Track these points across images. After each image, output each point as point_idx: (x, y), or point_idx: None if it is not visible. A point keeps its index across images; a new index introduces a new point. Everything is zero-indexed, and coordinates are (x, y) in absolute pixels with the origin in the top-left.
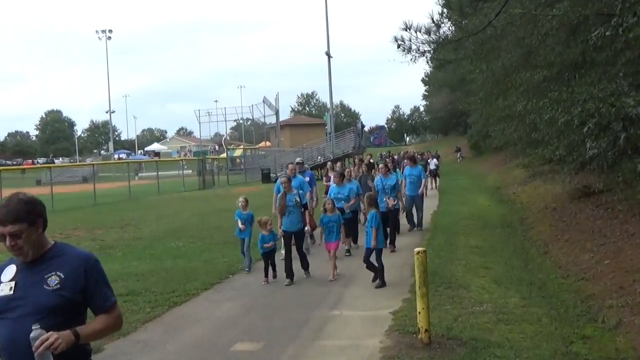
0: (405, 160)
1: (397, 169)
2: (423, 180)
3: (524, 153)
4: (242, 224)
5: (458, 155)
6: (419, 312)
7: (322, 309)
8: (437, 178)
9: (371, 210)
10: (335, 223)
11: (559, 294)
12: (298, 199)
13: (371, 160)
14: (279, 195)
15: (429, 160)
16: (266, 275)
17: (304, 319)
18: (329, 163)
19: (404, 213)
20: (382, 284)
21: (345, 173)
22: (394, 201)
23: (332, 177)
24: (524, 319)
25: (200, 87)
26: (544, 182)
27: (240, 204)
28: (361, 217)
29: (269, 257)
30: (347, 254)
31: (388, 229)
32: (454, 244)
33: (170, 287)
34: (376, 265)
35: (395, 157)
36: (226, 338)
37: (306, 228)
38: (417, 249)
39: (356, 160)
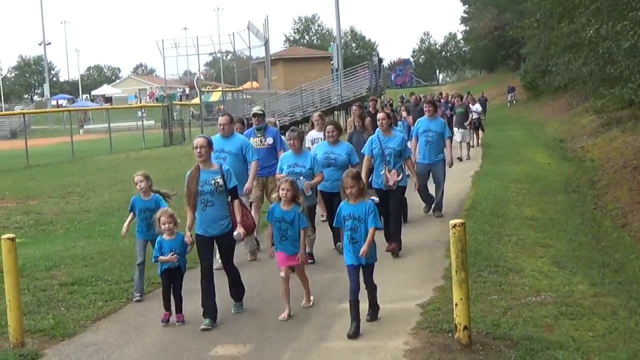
0: (428, 107)
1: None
2: (447, 141)
3: (596, 94)
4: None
5: (509, 96)
6: (456, 305)
7: (329, 301)
8: (480, 131)
9: (358, 199)
10: (290, 224)
11: None
12: (219, 181)
13: (382, 106)
14: (188, 174)
15: (470, 106)
16: (167, 308)
17: (305, 315)
18: (314, 116)
19: (415, 189)
20: (374, 316)
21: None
22: (399, 175)
23: (311, 138)
24: (595, 312)
25: (163, 9)
26: (622, 132)
27: (137, 185)
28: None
29: (171, 279)
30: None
31: (389, 218)
32: (502, 214)
33: (129, 275)
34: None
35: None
36: (203, 340)
37: (235, 232)
38: (453, 222)
39: (354, 108)
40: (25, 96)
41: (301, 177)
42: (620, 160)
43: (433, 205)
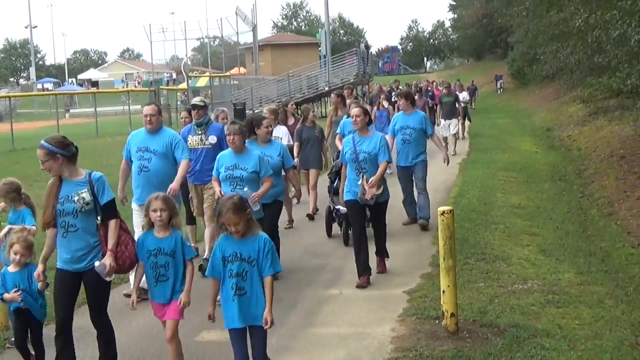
0: (400, 101)
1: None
2: (434, 138)
3: (583, 83)
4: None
5: (498, 85)
6: (443, 292)
7: (316, 288)
8: (467, 121)
9: (247, 233)
10: (171, 257)
11: (627, 267)
12: (85, 196)
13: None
14: (50, 184)
15: (457, 95)
16: (25, 357)
17: (292, 301)
18: (265, 110)
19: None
20: None
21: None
22: (379, 188)
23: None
24: (581, 301)
25: None
26: (609, 121)
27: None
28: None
29: (26, 322)
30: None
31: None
32: (489, 202)
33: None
34: None
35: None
36: (189, 325)
37: (98, 263)
38: (441, 209)
39: (333, 96)
40: (11, 79)
41: (244, 188)
42: (606, 149)
43: (417, 212)
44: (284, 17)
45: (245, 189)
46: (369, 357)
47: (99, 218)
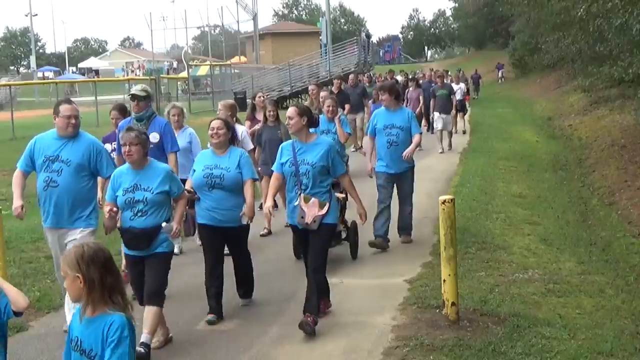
0: (382, 96)
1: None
2: (416, 137)
3: (584, 72)
4: None
5: (500, 74)
6: (444, 281)
7: None
8: (465, 114)
9: (97, 309)
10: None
11: (627, 257)
12: None
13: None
14: None
15: (453, 87)
16: None
17: (292, 290)
18: (257, 95)
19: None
20: None
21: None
22: (323, 208)
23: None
24: (582, 290)
25: None
26: (610, 111)
27: None
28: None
29: None
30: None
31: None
32: (490, 192)
33: (114, 248)
34: None
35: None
36: (189, 313)
37: None
38: (442, 198)
39: (311, 88)
40: (12, 68)
41: (163, 223)
42: (607, 138)
43: (399, 226)
44: (284, 5)
45: (164, 223)
46: (370, 346)
47: None
